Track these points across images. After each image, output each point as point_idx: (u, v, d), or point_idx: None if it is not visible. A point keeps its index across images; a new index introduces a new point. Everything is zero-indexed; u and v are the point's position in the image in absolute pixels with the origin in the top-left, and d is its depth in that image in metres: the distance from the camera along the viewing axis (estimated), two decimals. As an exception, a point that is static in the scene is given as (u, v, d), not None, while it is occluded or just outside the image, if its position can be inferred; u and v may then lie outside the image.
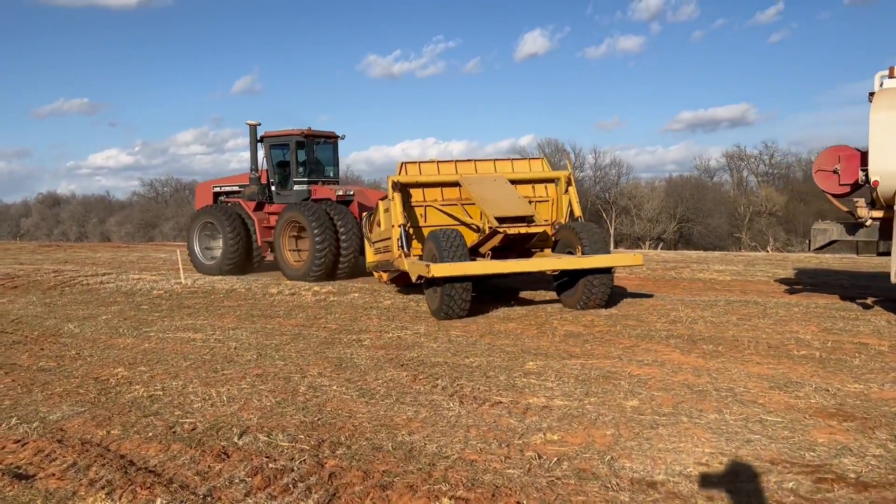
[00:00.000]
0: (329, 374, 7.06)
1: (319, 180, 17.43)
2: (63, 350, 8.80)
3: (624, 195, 61.09)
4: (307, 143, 17.22)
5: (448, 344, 8.23)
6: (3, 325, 10.85)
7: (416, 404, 5.85)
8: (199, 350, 8.47)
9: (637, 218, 58.48)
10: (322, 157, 17.85)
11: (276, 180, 17.59)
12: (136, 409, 6.02)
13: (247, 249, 17.67)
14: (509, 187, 11.02)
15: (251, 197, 17.64)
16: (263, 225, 17.34)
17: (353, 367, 7.26)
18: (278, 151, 17.53)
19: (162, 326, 10.16)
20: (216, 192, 19.04)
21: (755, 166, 65.42)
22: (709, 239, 56.73)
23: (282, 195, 17.42)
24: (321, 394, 6.31)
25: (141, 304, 12.53)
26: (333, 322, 10.02)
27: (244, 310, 11.41)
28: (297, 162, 17.21)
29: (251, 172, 17.75)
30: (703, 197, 58.96)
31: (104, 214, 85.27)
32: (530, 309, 10.38)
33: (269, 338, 9.07)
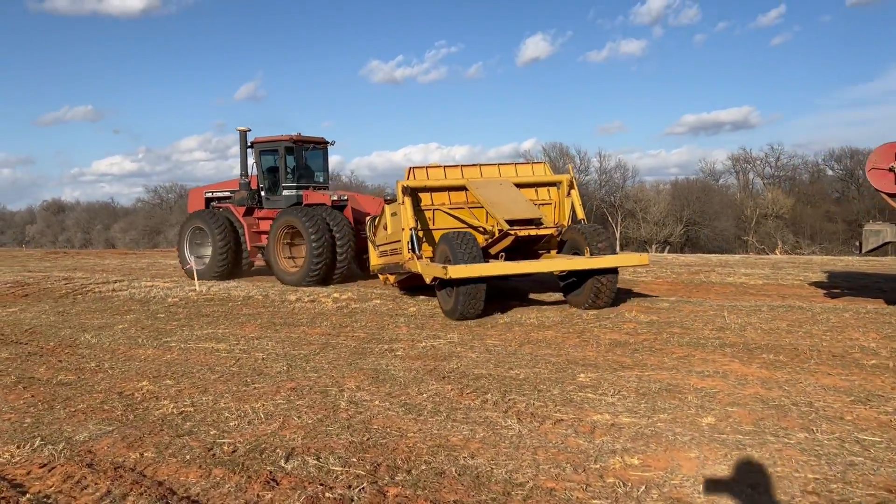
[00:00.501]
0: (367, 387, 6.60)
1: (309, 185, 17.45)
2: (82, 362, 8.35)
3: (629, 198, 60.68)
4: (296, 148, 17.23)
5: (487, 354, 7.78)
6: (17, 335, 10.40)
7: (470, 422, 5.39)
8: (224, 361, 8.02)
9: (643, 221, 58.05)
10: (311, 162, 17.88)
11: (265, 185, 17.59)
12: (168, 428, 5.56)
13: (236, 254, 17.72)
14: (516, 191, 11.21)
15: (241, 202, 17.66)
16: (253, 230, 17.43)
17: (392, 380, 6.81)
18: (268, 157, 17.51)
19: (182, 336, 9.71)
20: (208, 198, 19.01)
21: (761, 169, 65.03)
22: (716, 242, 56.30)
23: (271, 200, 17.45)
24: (364, 410, 5.86)
25: (157, 312, 12.08)
26: (360, 331, 9.57)
27: (265, 318, 10.96)
28: (285, 167, 17.20)
29: (241, 178, 17.69)
30: (709, 200, 58.52)
31: (109, 221, 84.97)
32: (565, 316, 9.92)
33: (296, 347, 8.62)
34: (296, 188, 17.20)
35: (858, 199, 58.19)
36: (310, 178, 17.74)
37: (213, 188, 19.33)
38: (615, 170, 63.23)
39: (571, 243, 10.84)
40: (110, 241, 78.79)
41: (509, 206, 10.72)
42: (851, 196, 59.41)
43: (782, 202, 58.10)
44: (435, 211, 11.37)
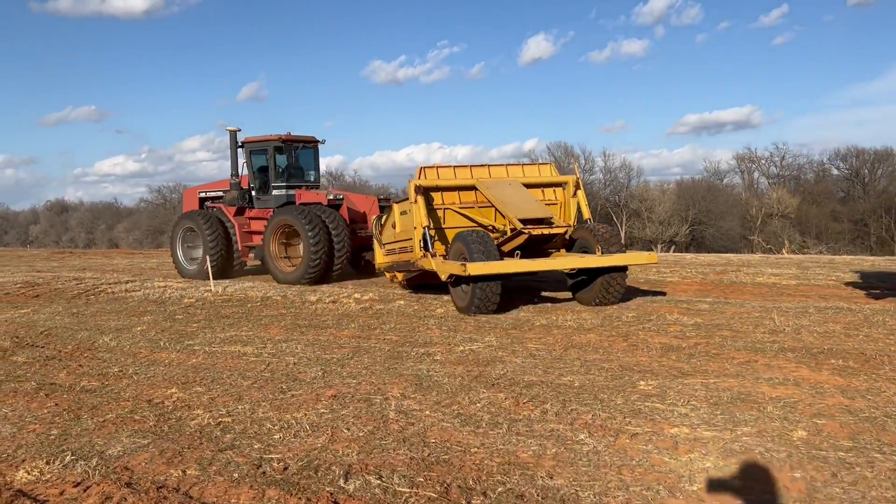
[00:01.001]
0: (413, 395, 6.16)
1: (300, 185, 17.39)
2: (104, 367, 7.91)
3: (634, 198, 60.24)
4: (286, 147, 17.26)
5: (532, 359, 7.33)
6: (32, 337, 9.96)
7: (537, 436, 4.94)
8: (254, 366, 7.58)
9: (648, 221, 57.61)
10: (302, 161, 17.87)
11: (255, 185, 17.57)
12: (208, 441, 5.12)
13: (227, 254, 17.73)
14: (525, 191, 11.36)
15: (232, 202, 17.64)
16: (244, 230, 17.48)
17: (438, 387, 6.37)
18: (258, 157, 17.46)
19: (205, 339, 9.27)
20: (202, 198, 18.95)
21: (766, 168, 64.59)
22: (721, 242, 55.85)
23: (261, 200, 17.42)
24: (416, 421, 5.41)
25: (174, 313, 11.64)
26: (391, 333, 9.12)
27: (288, 320, 10.52)
28: (275, 167, 17.15)
29: (231, 178, 17.64)
30: (714, 199, 58.08)
31: (112, 221, 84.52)
32: (604, 318, 9.47)
33: (327, 351, 8.18)
34: (286, 188, 17.15)
35: (864, 199, 57.80)
36: (300, 178, 17.69)
37: (207, 188, 19.17)
38: (620, 169, 62.78)
39: (581, 242, 10.91)
40: (114, 241, 78.35)
41: (521, 205, 10.85)
42: (857, 195, 58.99)
43: (788, 202, 57.66)
44: (445, 210, 11.39)
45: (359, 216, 17.47)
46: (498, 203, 10.92)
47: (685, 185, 61.52)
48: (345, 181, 66.89)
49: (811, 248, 49.05)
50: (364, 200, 18.21)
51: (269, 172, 17.22)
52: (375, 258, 13.91)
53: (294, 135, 17.40)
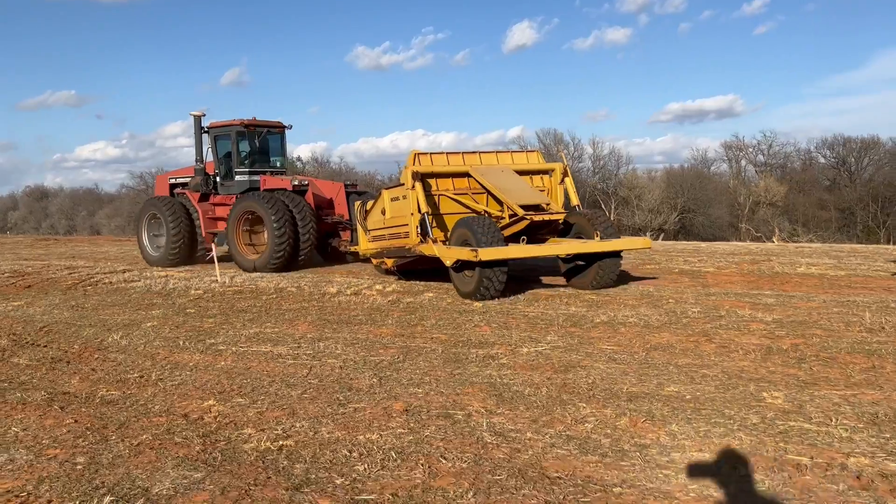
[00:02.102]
0: (498, 409, 5.21)
1: (266, 170, 16.84)
2: (121, 371, 6.87)
3: (623, 186, 59.53)
4: (250, 132, 16.62)
5: (615, 364, 6.39)
6: (31, 334, 8.89)
7: (682, 469, 3.99)
8: (295, 371, 6.58)
9: (637, 209, 56.93)
10: (267, 147, 17.24)
11: (220, 171, 17.03)
12: (276, 474, 4.13)
13: (190, 241, 17.21)
14: (519, 178, 11.41)
15: (196, 188, 17.09)
16: (208, 216, 16.96)
17: (523, 400, 5.42)
18: (224, 142, 16.92)
19: (228, 337, 8.25)
20: (172, 184, 18.31)
21: (753, 156, 64.14)
22: (710, 230, 55.30)
23: (225, 186, 16.91)
24: (521, 445, 4.46)
25: (185, 307, 10.58)
26: (436, 331, 8.15)
27: (313, 314, 9.51)
28: (238, 152, 16.62)
29: (196, 163, 17.07)
30: (703, 187, 57.49)
31: (93, 207, 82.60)
32: (666, 314, 8.57)
33: (372, 352, 7.20)
34: (249, 173, 16.64)
35: (851, 188, 57.47)
36: (266, 164, 17.10)
37: (177, 174, 18.48)
38: (609, 157, 61.96)
39: (577, 228, 10.94)
40: (95, 227, 76.49)
41: (519, 192, 10.89)
42: (843, 184, 58.66)
43: (775, 190, 57.18)
44: (440, 196, 11.24)
45: (325, 202, 16.92)
46: (495, 189, 10.88)
47: (674, 173, 60.86)
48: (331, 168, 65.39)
49: (801, 236, 48.58)
50: (330, 187, 17.55)
51: (233, 158, 16.68)
52: (359, 245, 13.46)
53: (259, 120, 16.83)
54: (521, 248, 10.25)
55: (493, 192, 10.97)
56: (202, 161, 17.07)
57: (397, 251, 11.75)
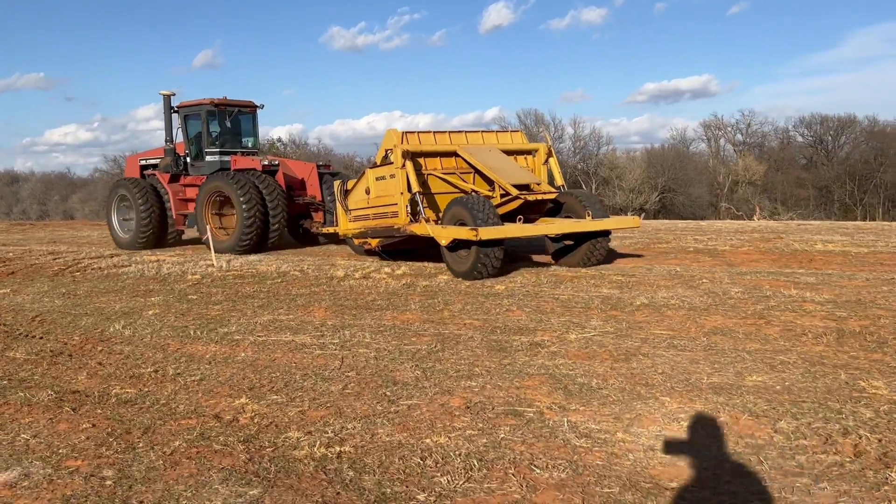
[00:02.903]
0: (570, 405, 4.64)
1: (237, 151, 16.46)
2: (131, 365, 6.20)
3: (604, 165, 59.18)
4: (220, 112, 16.27)
5: (679, 351, 5.85)
6: (24, 325, 8.17)
7: (824, 478, 3.44)
8: (326, 363, 5.96)
9: (619, 189, 56.62)
10: (238, 127, 16.87)
11: (190, 152, 16.69)
12: (344, 488, 3.53)
13: (160, 223, 16.84)
14: (507, 158, 11.33)
15: (166, 169, 16.77)
16: (178, 198, 16.64)
17: (594, 394, 4.85)
18: (194, 122, 16.56)
19: (241, 325, 7.59)
20: (143, 165, 17.88)
21: (731, 135, 64.06)
22: (690, 209, 55.18)
23: (195, 167, 16.54)
24: (615, 448, 3.90)
25: (186, 293, 9.89)
26: (465, 316, 7.55)
27: (327, 300, 8.87)
28: (208, 132, 16.24)
29: (166, 144, 16.75)
30: (683, 167, 57.28)
31: (66, 192, 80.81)
32: (705, 294, 8.06)
33: (403, 340, 6.59)
34: (219, 153, 16.21)
35: (828, 166, 57.61)
36: (237, 144, 16.72)
37: (147, 155, 17.99)
38: (590, 137, 61.52)
39: (567, 207, 10.86)
40: (69, 212, 74.76)
41: (510, 172, 10.81)
42: (820, 162, 58.78)
43: (754, 168, 57.18)
44: (428, 176, 11.04)
45: (296, 183, 16.53)
46: (486, 169, 10.75)
47: (654, 152, 60.55)
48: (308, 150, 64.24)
49: (782, 214, 48.57)
50: (302, 167, 17.19)
51: (203, 138, 16.25)
52: (339, 225, 13.13)
53: (230, 99, 16.40)
54: (519, 228, 10.16)
55: (483, 171, 10.83)
56: (172, 142, 16.65)
57: (384, 231, 11.48)
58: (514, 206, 10.48)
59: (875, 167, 53.34)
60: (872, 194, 53.57)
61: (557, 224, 10.49)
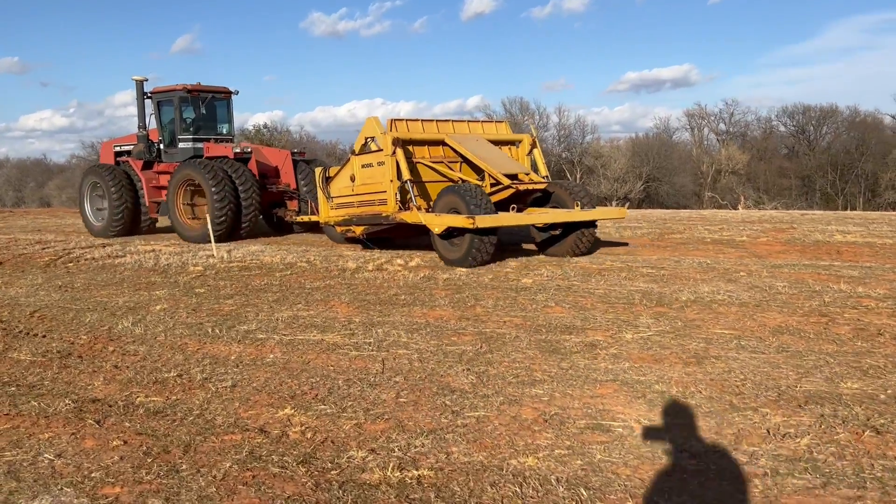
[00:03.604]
0: (657, 417, 4.16)
1: (210, 137, 16.10)
2: (151, 368, 5.64)
3: (589, 154, 58.86)
4: (194, 98, 15.92)
5: (751, 353, 5.39)
6: (22, 321, 7.56)
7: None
8: (367, 365, 5.45)
9: (603, 178, 56.35)
10: (213, 113, 16.56)
11: (164, 138, 16.28)
12: (441, 525, 3.01)
13: (134, 210, 16.54)
14: (495, 147, 11.30)
15: (139, 155, 16.37)
16: (152, 185, 16.28)
17: (682, 405, 4.36)
18: (167, 108, 16.16)
19: (262, 322, 7.04)
20: (117, 152, 17.41)
21: (715, 125, 63.98)
22: (675, 198, 55.08)
23: (169, 153, 16.15)
24: (736, 472, 3.40)
25: (192, 286, 9.30)
26: (502, 313, 7.05)
27: (345, 294, 8.33)
28: (181, 118, 15.92)
29: (139, 130, 16.35)
30: (668, 156, 57.11)
31: (42, 178, 79.19)
32: (752, 288, 7.64)
33: (442, 340, 6.09)
34: (193, 140, 15.88)
35: (810, 156, 57.72)
36: (211, 130, 16.38)
37: (122, 141, 17.52)
38: (574, 126, 61.14)
39: (555, 197, 10.84)
40: (45, 199, 73.27)
41: (499, 161, 10.82)
42: (802, 152, 58.87)
43: (738, 158, 57.16)
44: (417, 164, 10.88)
45: (270, 171, 16.15)
46: (476, 158, 10.68)
47: (639, 141, 60.30)
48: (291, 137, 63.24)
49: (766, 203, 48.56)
50: (277, 154, 16.78)
51: (176, 124, 15.87)
52: (320, 213, 12.80)
53: (204, 85, 16.02)
54: (514, 217, 10.14)
55: (473, 161, 10.75)
56: (146, 128, 16.26)
57: (371, 219, 11.27)
58: (505, 196, 10.46)
59: (856, 157, 53.50)
60: (854, 184, 53.74)
61: (551, 214, 10.41)
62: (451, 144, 11.00)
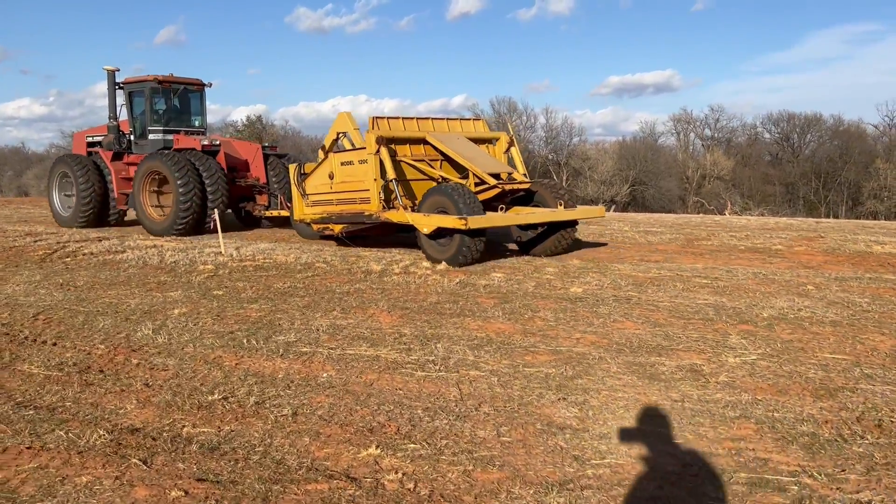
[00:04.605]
0: (825, 467, 3.45)
1: (181, 130, 15.69)
2: (189, 388, 4.82)
3: (575, 156, 58.38)
4: (165, 89, 15.47)
5: (886, 384, 4.67)
6: (26, 325, 6.69)
7: None
8: (441, 390, 4.69)
9: (590, 180, 55.89)
10: (185, 105, 16.17)
11: (134, 129, 15.86)
12: None
13: (102, 202, 16.02)
14: (476, 146, 11.13)
15: (109, 146, 15.93)
16: (121, 176, 15.76)
17: (842, 451, 3.66)
18: (139, 99, 15.72)
19: (300, 332, 6.23)
20: (89, 142, 16.83)
21: (700, 130, 63.79)
22: (660, 202, 54.73)
23: (139, 145, 15.73)
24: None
25: (207, 287, 8.46)
26: (567, 327, 6.32)
27: (381, 300, 7.55)
28: (151, 109, 15.47)
29: (109, 121, 15.92)
30: (654, 160, 56.76)
31: (20, 167, 77.30)
32: (825, 302, 6.94)
33: (515, 358, 5.34)
34: (163, 132, 15.44)
35: (794, 163, 57.68)
36: (183, 123, 15.97)
37: (94, 132, 16.98)
38: (562, 127, 60.60)
39: (538, 197, 10.75)
40: (23, 188, 71.42)
41: (482, 160, 10.67)
42: (786, 159, 58.83)
43: (723, 164, 56.99)
44: (399, 162, 10.61)
45: (240, 164, 15.70)
46: (459, 158, 10.51)
47: (626, 145, 59.91)
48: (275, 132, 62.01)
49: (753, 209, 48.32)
50: (247, 148, 16.35)
51: (147, 116, 15.43)
52: (294, 210, 12.39)
53: (176, 76, 15.57)
54: (504, 217, 9.94)
55: (457, 160, 10.57)
56: (116, 119, 15.82)
57: (352, 217, 11.01)
58: (491, 195, 10.29)
59: (840, 166, 53.49)
60: (836, 192, 53.74)
61: (538, 213, 10.25)
62: (432, 143, 10.78)
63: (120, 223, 16.76)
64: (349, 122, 11.09)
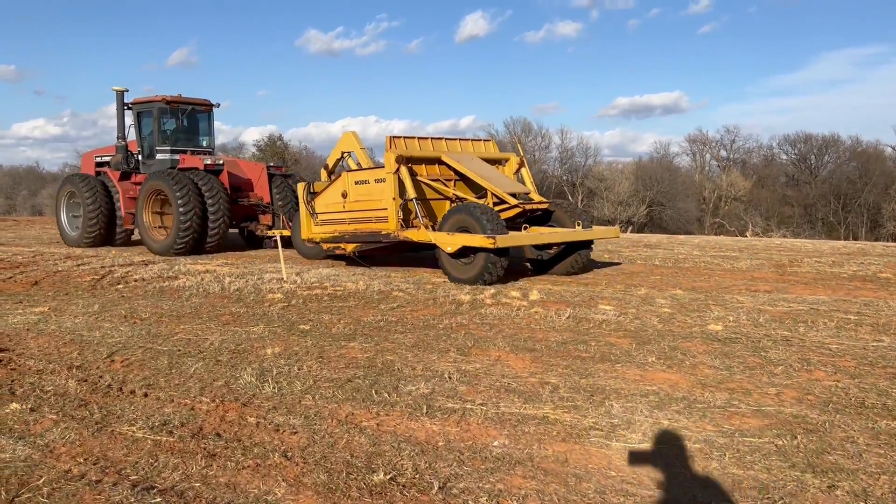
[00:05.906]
0: None
1: (188, 150, 15.61)
2: (342, 463, 3.84)
3: (591, 177, 57.52)
4: (173, 110, 15.50)
5: None
6: (103, 368, 5.70)
7: None
8: (654, 472, 3.65)
9: (606, 201, 54.99)
10: (193, 125, 16.11)
11: (143, 149, 15.81)
12: None
13: (108, 221, 16.02)
14: (491, 166, 11.08)
15: (117, 166, 15.93)
16: (128, 196, 15.66)
17: None
18: (147, 119, 15.67)
19: (429, 381, 5.25)
20: (98, 162, 16.91)
21: (716, 151, 62.94)
22: (678, 223, 53.83)
23: (147, 164, 15.66)
24: None
25: (290, 321, 7.49)
26: (757, 381, 5.32)
27: (495, 338, 6.57)
28: (160, 130, 15.45)
29: (118, 141, 15.92)
30: (672, 181, 55.88)
31: (35, 186, 76.79)
32: None
33: (721, 424, 4.36)
34: (171, 152, 15.39)
35: (812, 184, 56.77)
36: (192, 143, 15.93)
37: (103, 152, 17.00)
38: (577, 148, 59.77)
39: (556, 217, 10.71)
40: (37, 207, 70.77)
41: (499, 180, 10.63)
42: (804, 180, 57.92)
43: (740, 185, 56.14)
44: (415, 181, 10.42)
45: (244, 183, 15.38)
46: (477, 177, 10.47)
47: (643, 165, 59.05)
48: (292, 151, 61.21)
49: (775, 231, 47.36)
50: (252, 168, 16.08)
51: (155, 136, 15.41)
52: (302, 230, 12.17)
53: (184, 97, 15.62)
54: (531, 236, 9.90)
55: (475, 179, 10.52)
56: (124, 139, 15.84)
57: (367, 237, 10.85)
58: (511, 215, 10.24)
59: (860, 187, 52.55)
60: (856, 214, 52.76)
61: (560, 233, 10.15)
62: (448, 163, 10.72)
63: (127, 243, 16.45)
64: (355, 141, 10.99)
